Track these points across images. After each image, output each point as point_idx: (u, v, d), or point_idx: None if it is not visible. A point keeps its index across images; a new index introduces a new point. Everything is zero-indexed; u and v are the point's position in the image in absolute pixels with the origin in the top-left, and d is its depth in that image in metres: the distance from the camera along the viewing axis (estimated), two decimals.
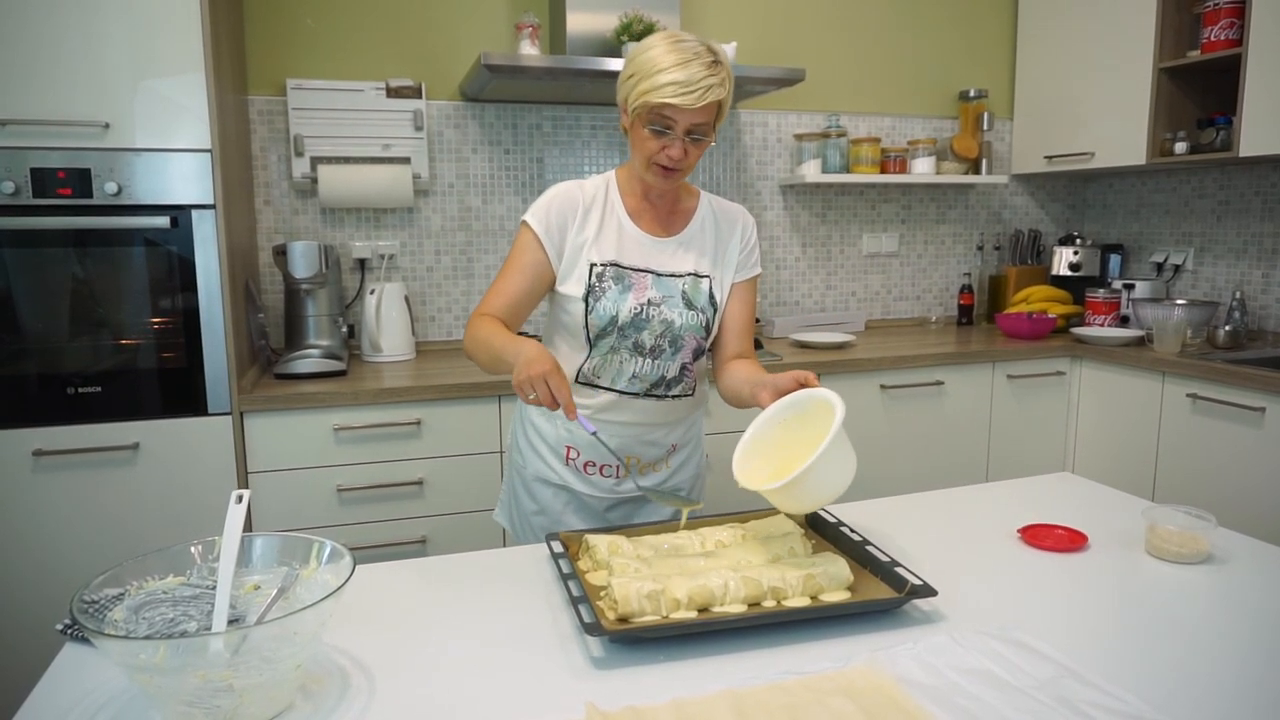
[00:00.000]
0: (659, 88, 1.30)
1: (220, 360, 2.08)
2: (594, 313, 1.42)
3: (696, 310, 1.47)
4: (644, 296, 1.44)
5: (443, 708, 0.88)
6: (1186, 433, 2.56)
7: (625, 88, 1.37)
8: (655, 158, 1.38)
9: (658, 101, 1.31)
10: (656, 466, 1.55)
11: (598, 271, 1.43)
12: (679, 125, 1.34)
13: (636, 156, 1.41)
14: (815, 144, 3.10)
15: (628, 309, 1.43)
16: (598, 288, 1.42)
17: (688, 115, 1.33)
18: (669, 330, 1.45)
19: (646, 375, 1.47)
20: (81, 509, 2.02)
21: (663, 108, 1.32)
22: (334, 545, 0.97)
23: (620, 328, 1.43)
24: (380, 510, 2.26)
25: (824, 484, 1.12)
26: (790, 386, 1.25)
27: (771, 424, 1.24)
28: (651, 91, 1.31)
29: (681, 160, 1.37)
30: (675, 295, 1.46)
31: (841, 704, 0.86)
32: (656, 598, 1.02)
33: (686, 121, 1.34)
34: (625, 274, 1.44)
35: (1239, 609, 1.10)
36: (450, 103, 2.78)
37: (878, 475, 2.71)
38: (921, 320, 3.47)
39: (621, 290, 1.43)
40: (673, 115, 1.33)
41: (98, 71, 1.92)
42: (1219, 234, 3.13)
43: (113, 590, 0.89)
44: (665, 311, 1.45)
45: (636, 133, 1.38)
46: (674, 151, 1.36)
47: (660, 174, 1.40)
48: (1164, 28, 2.83)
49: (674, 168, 1.38)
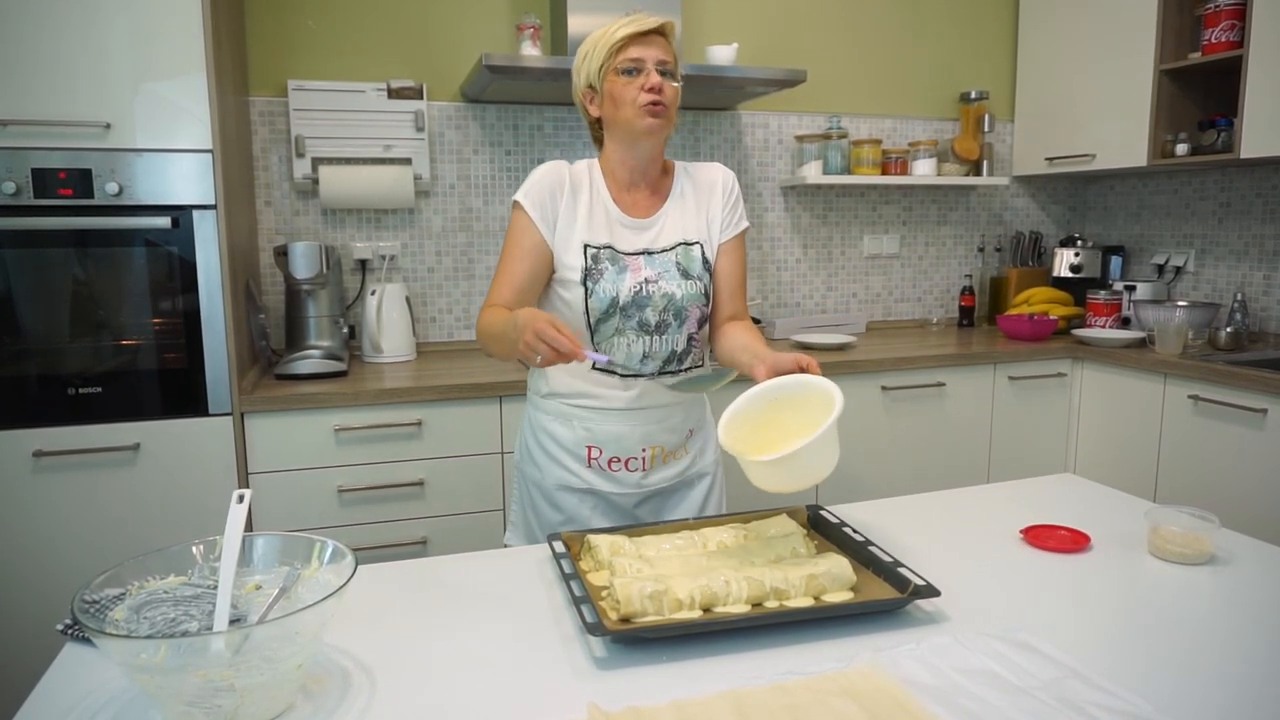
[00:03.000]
0: (613, 31, 1.40)
1: (221, 361, 2.08)
2: (594, 295, 1.42)
3: (693, 279, 1.48)
4: (640, 275, 1.45)
5: (444, 708, 0.88)
6: (1188, 434, 2.56)
7: (584, 68, 1.45)
8: (639, 99, 1.40)
9: (619, 40, 1.39)
10: (677, 454, 1.55)
11: (592, 253, 1.44)
12: (647, 62, 1.40)
13: (622, 112, 1.42)
14: (816, 145, 3.10)
15: (627, 289, 1.43)
16: (594, 269, 1.43)
17: (652, 50, 1.40)
18: (671, 304, 1.46)
19: (657, 353, 1.47)
20: (82, 510, 2.02)
21: (625, 47, 1.40)
22: (336, 545, 0.96)
23: (622, 308, 1.43)
24: (381, 511, 2.25)
25: (809, 468, 1.13)
26: (789, 368, 1.25)
27: (763, 399, 1.23)
28: (609, 43, 1.40)
29: (664, 91, 1.40)
30: (670, 269, 1.47)
31: (844, 705, 0.86)
32: (659, 598, 1.02)
33: (652, 57, 1.40)
34: (620, 256, 1.45)
35: (1242, 610, 1.09)
36: (451, 104, 2.79)
37: (879, 476, 2.71)
38: (922, 322, 3.47)
39: (618, 271, 1.44)
40: (639, 54, 1.40)
41: (99, 72, 1.92)
42: (1220, 236, 3.13)
43: (114, 590, 0.89)
44: (664, 285, 1.45)
45: (612, 92, 1.42)
46: (653, 80, 1.40)
47: (651, 112, 1.41)
48: (1165, 29, 2.83)
49: (660, 102, 1.40)
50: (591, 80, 1.44)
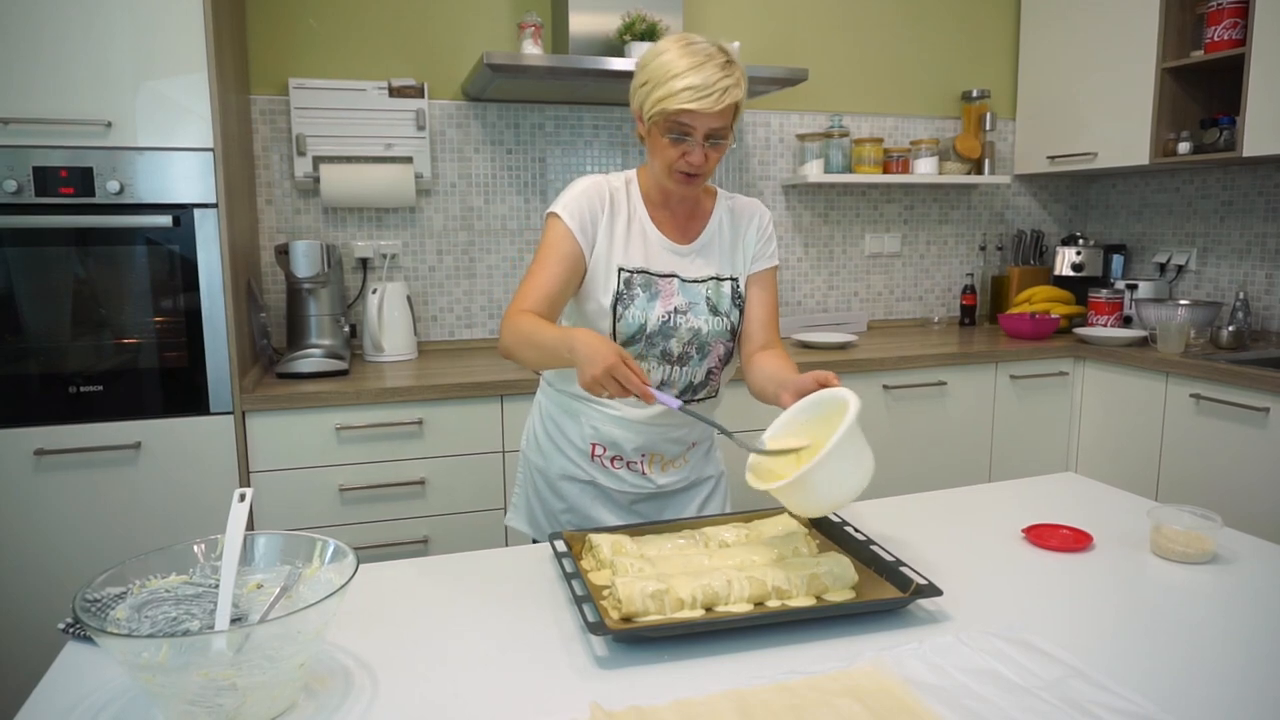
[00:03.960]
0: (675, 94, 1.28)
1: (222, 359, 2.08)
2: (622, 320, 1.41)
3: (721, 315, 1.46)
4: (670, 304, 1.43)
5: (446, 707, 0.88)
6: (1190, 433, 2.55)
7: (639, 95, 1.35)
8: (676, 165, 1.36)
9: (675, 108, 1.29)
10: (676, 463, 1.55)
11: (625, 278, 1.41)
12: (698, 130, 1.32)
13: (656, 164, 1.39)
14: (818, 144, 3.10)
15: (655, 317, 1.41)
16: (626, 295, 1.41)
17: (706, 120, 1.31)
18: (696, 337, 1.44)
19: (675, 381, 1.46)
20: (83, 508, 2.02)
21: (680, 114, 1.30)
22: (337, 544, 0.96)
23: (649, 336, 1.42)
24: (382, 510, 2.25)
25: (833, 484, 1.09)
26: (811, 387, 1.23)
27: (790, 426, 1.21)
28: (668, 98, 1.29)
29: (702, 165, 1.35)
30: (700, 302, 1.45)
31: (848, 705, 0.85)
32: (661, 597, 1.02)
33: (705, 126, 1.32)
34: (653, 280, 1.43)
35: (1245, 609, 1.09)
36: (452, 102, 2.78)
37: (881, 476, 2.67)
38: (924, 321, 3.46)
39: (649, 298, 1.42)
40: (690, 121, 1.31)
41: (100, 71, 1.92)
42: (1222, 234, 3.13)
43: (115, 589, 0.89)
44: (692, 319, 1.44)
45: (655, 141, 1.36)
46: (694, 158, 1.34)
47: (682, 180, 1.38)
48: (1167, 27, 2.82)
49: (695, 174, 1.37)
50: (640, 110, 1.36)
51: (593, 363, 1.17)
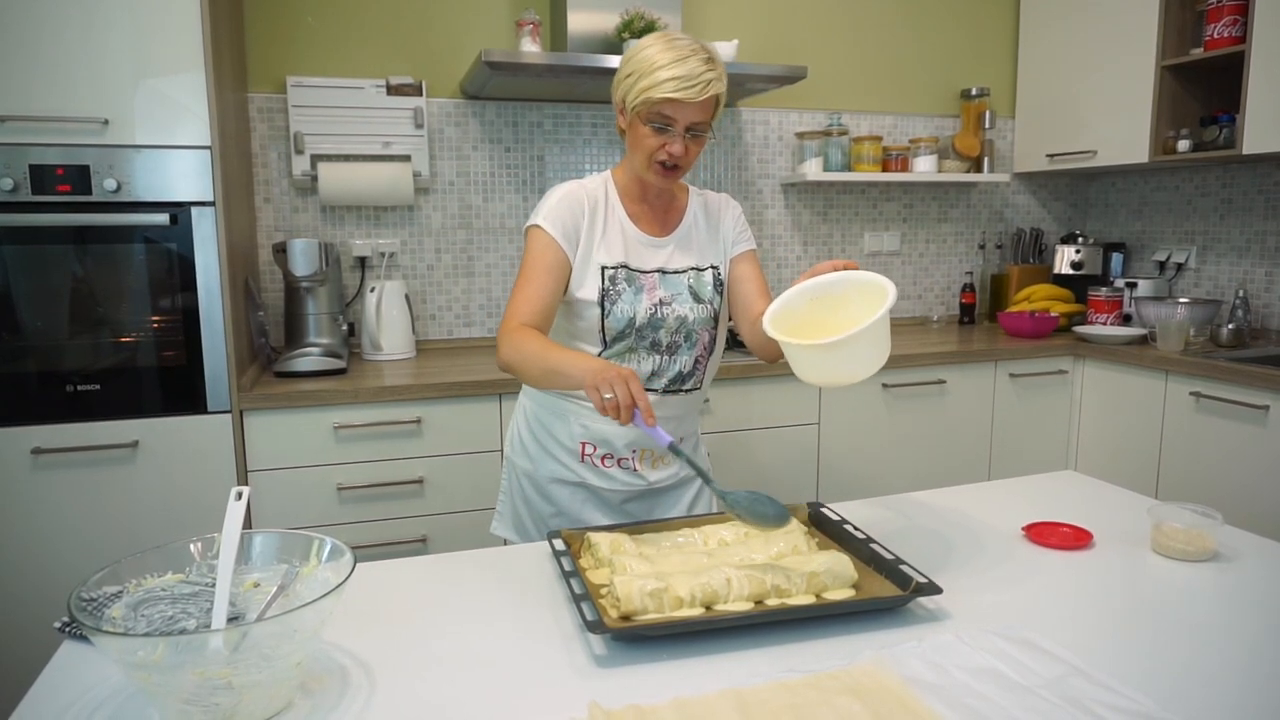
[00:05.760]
0: (660, 84, 1.31)
1: (220, 358, 2.08)
2: (611, 316, 1.43)
3: (704, 303, 1.49)
4: (655, 296, 1.45)
5: (443, 706, 0.87)
6: (1190, 431, 2.55)
7: (624, 86, 1.37)
8: (656, 155, 1.38)
9: (659, 97, 1.32)
10: (666, 458, 1.55)
11: (609, 274, 1.43)
12: (680, 122, 1.35)
13: (637, 155, 1.41)
14: (817, 142, 3.09)
15: (643, 310, 1.44)
16: (612, 290, 1.43)
17: (688, 111, 1.34)
18: (683, 326, 1.47)
19: (664, 371, 1.48)
20: (81, 507, 2.02)
21: (664, 104, 1.33)
22: (334, 542, 0.96)
23: (638, 329, 1.44)
24: (380, 509, 2.25)
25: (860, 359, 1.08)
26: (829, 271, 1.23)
27: (802, 297, 1.20)
28: (653, 88, 1.32)
29: (683, 157, 1.38)
30: (683, 291, 1.48)
31: (848, 703, 0.85)
32: (659, 595, 1.01)
33: (687, 118, 1.35)
34: (635, 275, 1.45)
35: (1245, 606, 1.09)
36: (451, 100, 2.78)
37: (880, 473, 2.70)
38: (923, 319, 3.46)
39: (635, 292, 1.44)
40: (673, 112, 1.34)
41: (97, 68, 1.92)
42: (1222, 232, 3.12)
43: (111, 587, 0.89)
44: (677, 308, 1.46)
45: (636, 131, 1.39)
46: (675, 148, 1.37)
47: (661, 172, 1.40)
48: (1166, 25, 2.82)
49: (676, 165, 1.39)
50: (623, 102, 1.38)
51: (606, 369, 1.18)
